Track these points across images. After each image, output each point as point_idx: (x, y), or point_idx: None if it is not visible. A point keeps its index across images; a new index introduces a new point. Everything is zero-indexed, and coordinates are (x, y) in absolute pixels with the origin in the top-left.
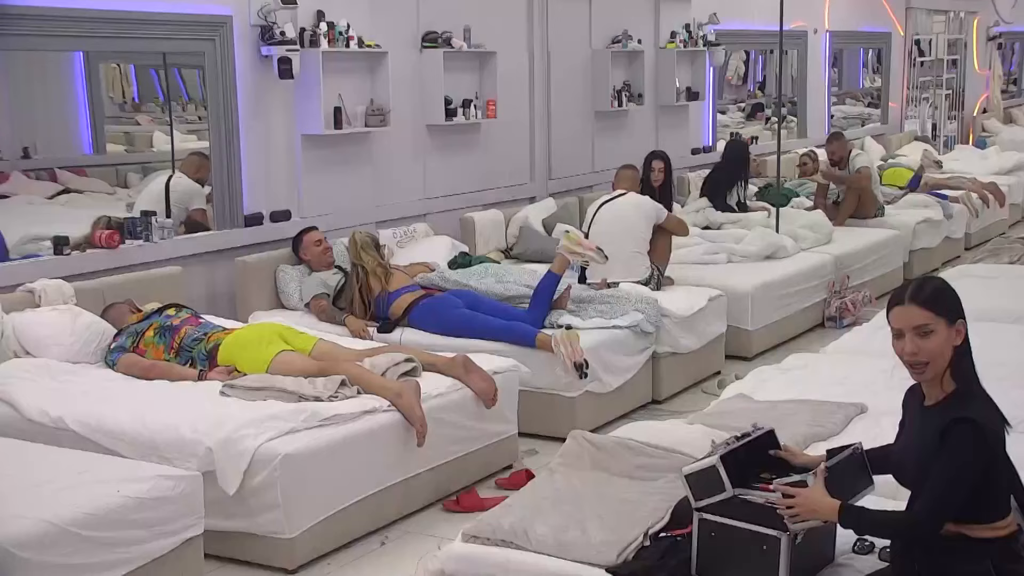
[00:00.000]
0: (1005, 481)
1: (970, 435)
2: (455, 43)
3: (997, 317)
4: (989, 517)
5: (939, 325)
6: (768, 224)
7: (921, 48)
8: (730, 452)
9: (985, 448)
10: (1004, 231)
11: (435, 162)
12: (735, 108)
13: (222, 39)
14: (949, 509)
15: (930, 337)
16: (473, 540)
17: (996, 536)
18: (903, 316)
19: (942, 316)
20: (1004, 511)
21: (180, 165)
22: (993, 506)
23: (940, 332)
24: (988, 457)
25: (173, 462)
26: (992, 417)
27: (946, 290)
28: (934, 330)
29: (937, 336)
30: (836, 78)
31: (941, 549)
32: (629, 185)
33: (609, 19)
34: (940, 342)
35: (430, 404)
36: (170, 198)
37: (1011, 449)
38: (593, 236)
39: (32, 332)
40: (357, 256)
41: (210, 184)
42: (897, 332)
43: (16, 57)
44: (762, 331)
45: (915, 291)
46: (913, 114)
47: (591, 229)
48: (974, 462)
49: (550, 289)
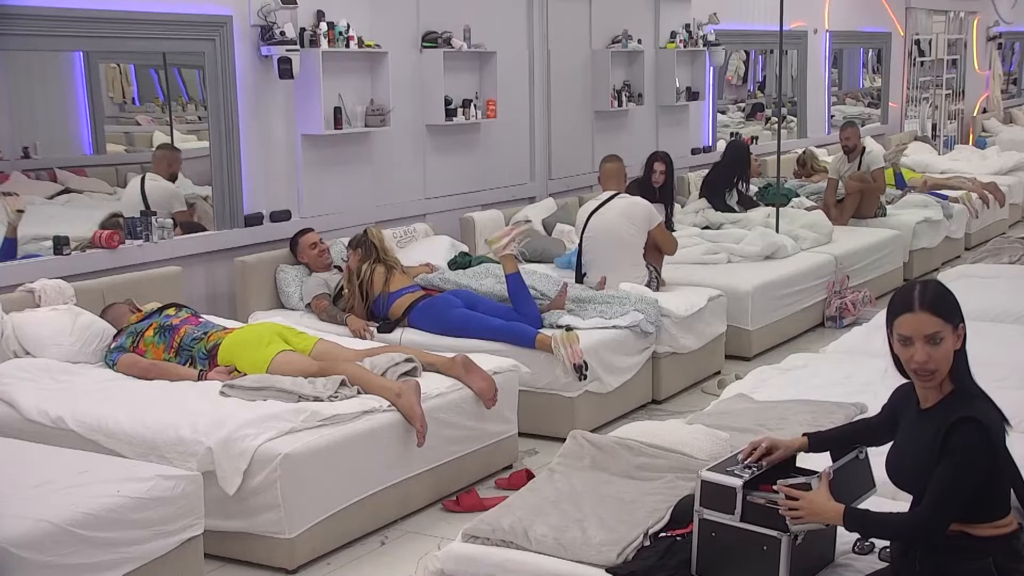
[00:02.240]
0: (1007, 479)
1: (976, 434)
2: (455, 43)
3: (997, 317)
4: (991, 515)
5: (947, 331)
6: (768, 224)
7: (921, 48)
8: (754, 478)
9: (989, 447)
10: (1004, 231)
11: (435, 162)
12: (735, 108)
13: (222, 39)
14: (954, 510)
15: (940, 344)
16: (473, 540)
17: (998, 534)
18: (914, 324)
19: (949, 322)
20: (1005, 509)
21: (151, 165)
22: (995, 504)
23: (948, 338)
24: (992, 456)
25: (173, 462)
26: (993, 415)
27: (948, 293)
28: (944, 337)
29: (946, 343)
30: (836, 78)
31: (943, 548)
32: (616, 183)
33: (609, 19)
34: (948, 348)
35: (430, 404)
36: (148, 204)
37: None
38: (586, 247)
39: (32, 332)
40: (382, 245)
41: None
42: (905, 339)
43: (16, 57)
44: (762, 331)
45: (923, 298)
46: (913, 114)
47: (584, 237)
48: (979, 461)
49: (520, 287)
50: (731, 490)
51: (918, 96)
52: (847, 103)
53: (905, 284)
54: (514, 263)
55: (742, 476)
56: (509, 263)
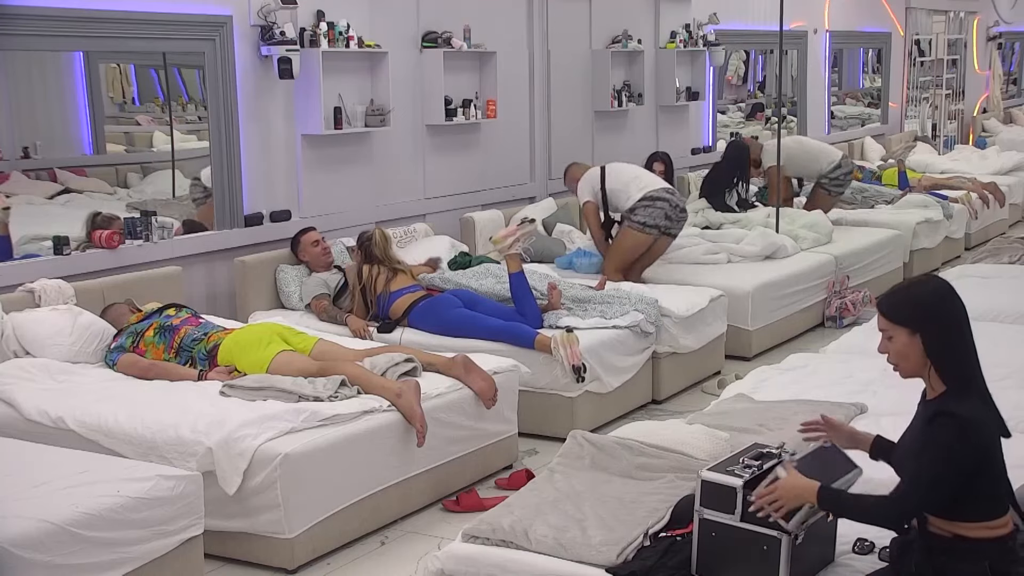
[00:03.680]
0: (1001, 482)
1: (951, 429)
2: (455, 43)
3: (997, 317)
4: (984, 516)
5: (898, 332)
6: (768, 224)
7: (921, 48)
8: (754, 478)
9: (967, 445)
10: (1004, 231)
11: (435, 162)
12: (735, 108)
13: (222, 39)
14: (923, 499)
15: (892, 343)
16: (473, 540)
17: (992, 536)
18: (877, 319)
19: (901, 325)
20: (1000, 511)
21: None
22: (987, 505)
23: (899, 339)
24: (972, 455)
25: (173, 462)
26: (982, 417)
27: (913, 299)
28: (893, 336)
29: (897, 342)
30: (836, 78)
31: (938, 549)
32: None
33: (609, 19)
34: (900, 348)
35: (430, 404)
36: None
37: (1012, 449)
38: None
39: (32, 332)
40: (384, 252)
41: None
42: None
43: (16, 57)
44: (762, 331)
45: (885, 296)
46: (913, 114)
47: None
48: (954, 457)
49: (522, 286)
50: (731, 490)
51: (918, 96)
52: (847, 103)
53: (905, 279)
54: (518, 262)
55: (742, 476)
56: (513, 262)
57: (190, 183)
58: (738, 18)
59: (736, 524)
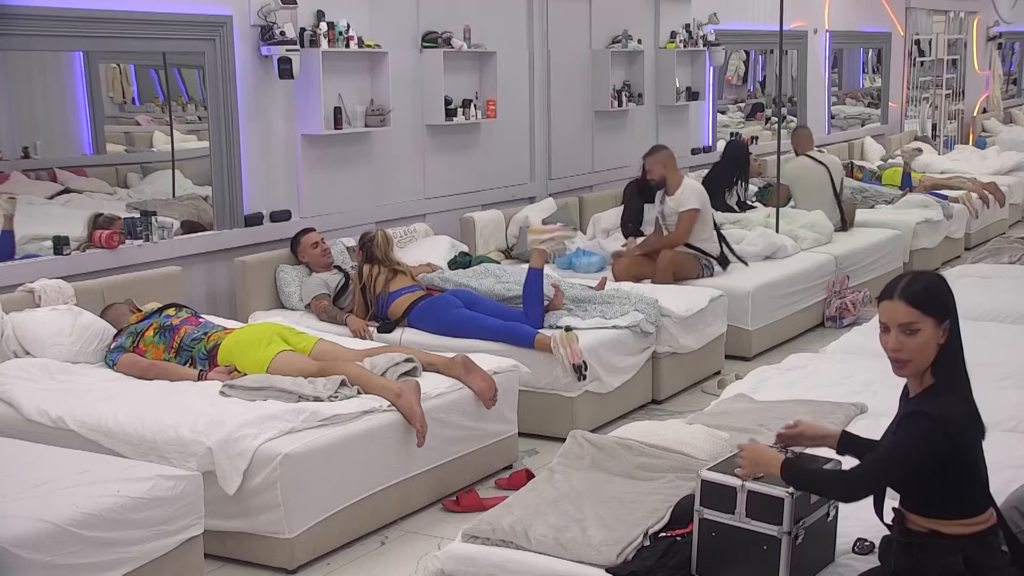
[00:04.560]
0: (977, 479)
1: (921, 427)
2: (455, 43)
3: (997, 317)
4: (959, 513)
5: (925, 324)
6: (768, 224)
7: (921, 48)
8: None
9: (935, 444)
10: (1004, 231)
11: (435, 162)
12: (735, 108)
13: (222, 39)
14: (878, 481)
15: (915, 335)
16: (473, 540)
17: (968, 532)
18: (890, 311)
19: (930, 315)
20: (977, 508)
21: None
22: (963, 502)
23: (926, 331)
24: (941, 452)
25: (173, 462)
26: (956, 416)
27: (936, 287)
28: (920, 328)
29: (922, 335)
30: (836, 78)
31: (916, 545)
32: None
33: (609, 19)
34: (924, 341)
35: (430, 404)
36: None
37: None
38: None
39: (32, 332)
40: (385, 254)
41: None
42: (884, 326)
43: (16, 57)
44: (762, 331)
45: (905, 287)
46: (913, 114)
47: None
48: (920, 453)
49: (537, 285)
50: (731, 490)
51: (918, 96)
52: (847, 103)
53: (904, 272)
54: (543, 259)
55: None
56: (539, 257)
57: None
58: (738, 18)
59: (736, 524)
